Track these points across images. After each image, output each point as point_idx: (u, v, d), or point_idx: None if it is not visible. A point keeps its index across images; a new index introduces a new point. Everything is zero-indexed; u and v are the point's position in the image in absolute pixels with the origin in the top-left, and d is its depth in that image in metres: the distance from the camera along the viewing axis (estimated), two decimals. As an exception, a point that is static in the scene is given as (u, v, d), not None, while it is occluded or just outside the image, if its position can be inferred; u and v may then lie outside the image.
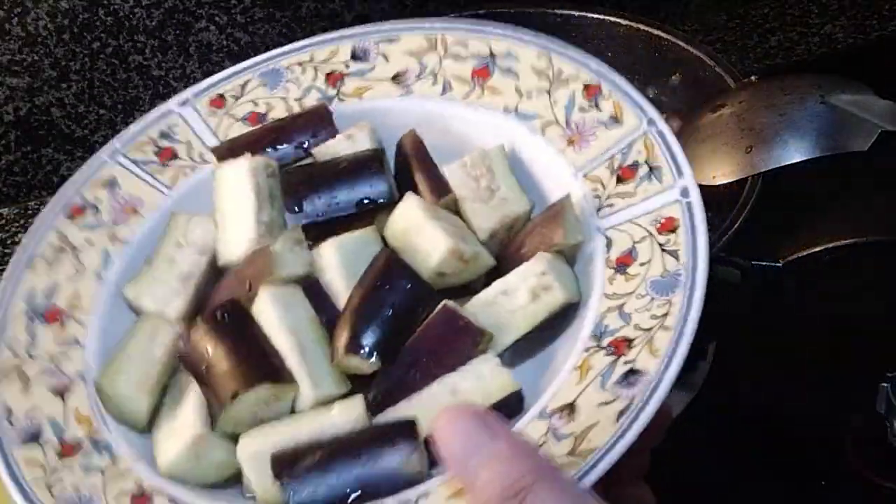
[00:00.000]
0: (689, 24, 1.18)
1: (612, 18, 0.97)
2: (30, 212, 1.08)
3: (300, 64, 0.66)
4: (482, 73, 0.64)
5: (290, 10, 1.09)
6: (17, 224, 1.07)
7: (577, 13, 0.98)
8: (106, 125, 1.09)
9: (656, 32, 0.95)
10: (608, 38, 0.98)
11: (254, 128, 0.64)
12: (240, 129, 0.64)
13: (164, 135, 0.64)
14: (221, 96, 0.65)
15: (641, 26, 0.96)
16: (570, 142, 0.60)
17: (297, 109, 0.65)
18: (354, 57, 0.66)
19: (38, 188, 1.10)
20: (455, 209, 0.60)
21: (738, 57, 1.13)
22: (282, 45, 1.09)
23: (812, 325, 0.86)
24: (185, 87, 1.08)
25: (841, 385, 0.80)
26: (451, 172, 0.61)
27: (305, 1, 1.08)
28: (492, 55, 0.64)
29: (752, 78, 0.86)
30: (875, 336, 0.83)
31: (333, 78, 0.65)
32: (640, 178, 0.57)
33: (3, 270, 1.00)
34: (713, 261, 0.73)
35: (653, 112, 0.59)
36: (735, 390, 0.83)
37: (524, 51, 0.63)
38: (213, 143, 0.63)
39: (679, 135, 0.86)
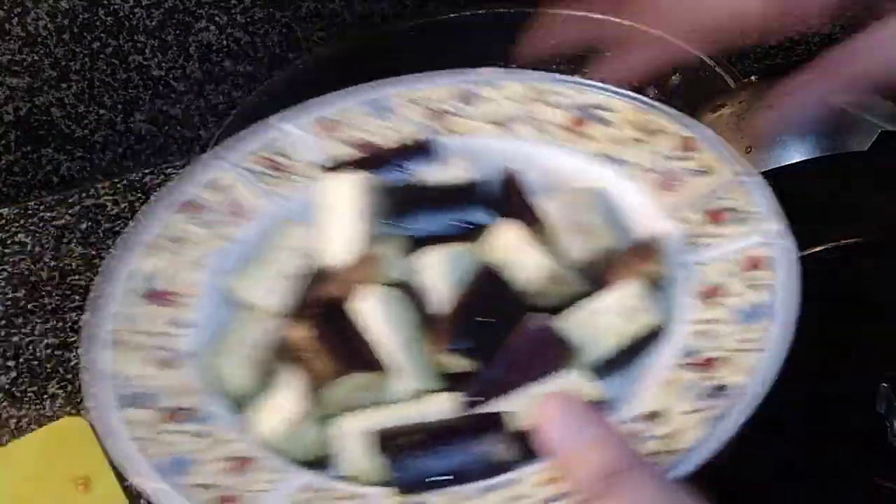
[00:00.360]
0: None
1: (612, 18, 0.97)
2: (30, 212, 1.08)
3: (411, 100, 0.71)
4: (579, 121, 0.68)
5: (290, 10, 1.09)
6: (17, 224, 1.07)
7: (577, 13, 0.98)
8: (106, 125, 1.09)
9: (656, 32, 0.94)
10: (608, 37, 0.98)
11: (359, 151, 0.69)
12: (346, 152, 0.68)
13: (273, 147, 0.68)
14: (331, 120, 0.69)
15: (641, 26, 0.95)
16: (662, 186, 0.63)
17: (402, 141, 0.69)
18: (461, 99, 0.71)
19: (38, 188, 1.10)
20: (551, 240, 0.63)
21: (738, 57, 1.13)
22: (282, 45, 1.10)
23: (811, 325, 0.85)
24: (185, 87, 1.09)
25: (841, 385, 0.80)
26: (548, 206, 0.64)
27: (305, 1, 1.08)
28: (588, 106, 0.68)
29: (752, 78, 0.86)
30: (875, 336, 0.83)
31: (438, 114, 0.70)
32: (730, 220, 0.60)
33: (3, 271, 1.01)
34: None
35: (745, 163, 0.62)
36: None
37: (620, 104, 0.68)
38: (321, 160, 0.67)
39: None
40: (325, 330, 0.58)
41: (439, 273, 0.61)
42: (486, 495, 0.52)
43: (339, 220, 0.63)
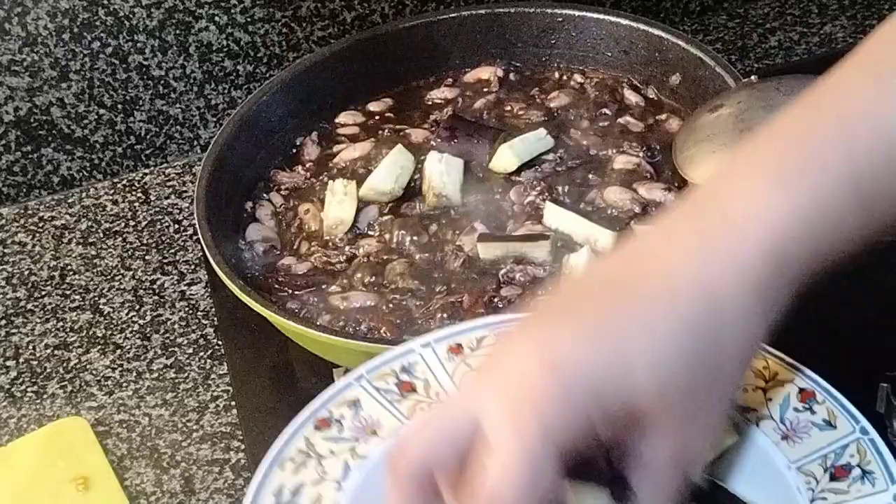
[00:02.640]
0: (689, 24, 1.18)
1: (612, 18, 0.97)
2: (29, 211, 1.08)
3: None
4: None
5: (290, 10, 1.09)
6: (17, 224, 1.07)
7: (577, 13, 0.98)
8: (106, 125, 1.09)
9: (656, 32, 0.94)
10: (608, 37, 0.98)
11: None
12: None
13: (404, 369, 0.68)
14: (459, 345, 0.68)
15: (641, 26, 0.96)
16: (785, 437, 0.63)
17: None
18: None
19: (38, 188, 1.10)
20: None
21: (738, 57, 1.13)
22: (282, 45, 1.10)
23: (812, 325, 0.85)
24: (185, 86, 1.09)
25: (841, 385, 0.80)
26: None
27: (305, 1, 1.08)
28: None
29: (752, 78, 0.86)
30: (875, 336, 0.83)
31: None
32: (853, 478, 0.60)
33: (3, 271, 1.01)
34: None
35: (864, 421, 0.62)
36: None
37: None
38: (448, 384, 0.67)
39: (678, 135, 0.87)
40: None
41: None
42: None
43: None
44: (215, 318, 0.94)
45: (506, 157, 0.88)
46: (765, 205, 0.53)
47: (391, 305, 0.81)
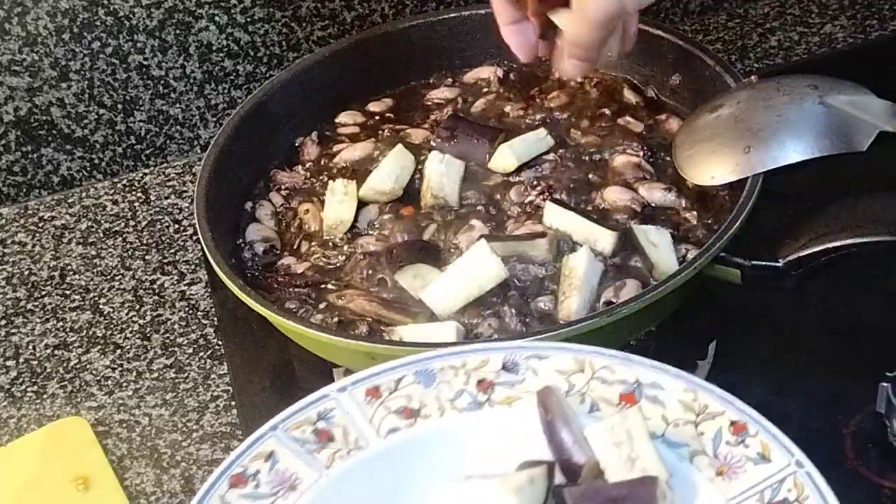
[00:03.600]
0: (689, 24, 1.18)
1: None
2: (30, 211, 1.08)
3: (453, 367, 0.69)
4: (629, 398, 0.66)
5: (290, 10, 1.09)
6: (16, 224, 1.07)
7: (576, 13, 0.98)
8: (106, 125, 1.09)
9: (656, 32, 0.94)
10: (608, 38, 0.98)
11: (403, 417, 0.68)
12: (393, 421, 0.67)
13: (321, 416, 0.67)
14: (377, 388, 0.68)
15: (641, 26, 0.95)
16: (719, 472, 0.62)
17: (448, 409, 0.68)
18: (504, 368, 0.68)
19: (38, 188, 1.11)
20: (596, 474, 0.63)
21: (738, 57, 1.13)
22: (282, 45, 1.10)
23: (812, 325, 0.85)
24: (185, 86, 1.09)
25: (841, 385, 0.80)
26: (592, 435, 0.63)
27: (305, 1, 1.08)
28: (638, 383, 0.66)
29: (752, 78, 0.86)
30: (875, 336, 0.83)
31: (484, 385, 0.68)
32: None
33: (3, 271, 1.01)
34: (713, 261, 0.73)
35: (800, 454, 0.61)
36: (735, 390, 0.83)
37: (671, 383, 0.66)
38: (368, 430, 0.67)
39: (678, 135, 0.87)
40: None
41: None
42: None
43: None
44: (215, 318, 0.94)
45: (505, 157, 0.88)
46: None
47: (391, 305, 0.81)
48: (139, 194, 1.08)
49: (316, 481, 0.64)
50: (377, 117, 0.98)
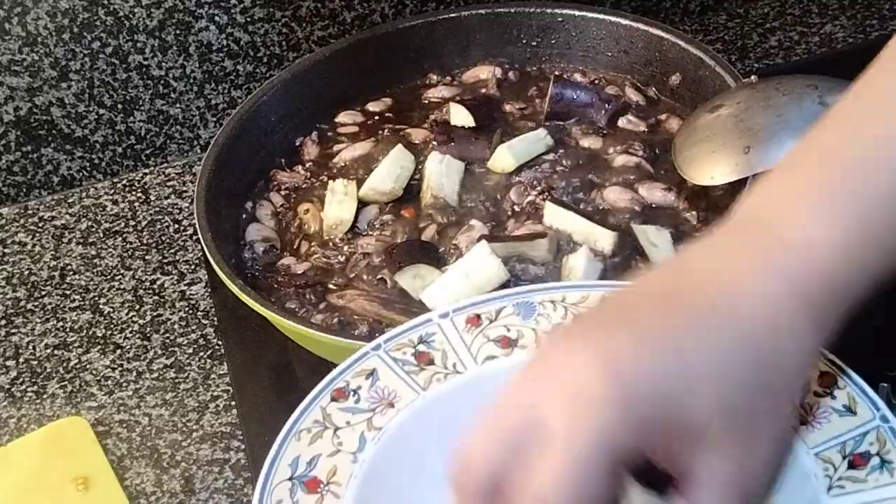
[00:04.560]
0: (689, 24, 1.18)
1: (612, 18, 0.97)
2: (30, 211, 1.08)
3: (552, 302, 0.69)
4: None
5: (290, 10, 1.09)
6: (17, 224, 1.07)
7: (577, 13, 0.98)
8: (106, 125, 1.09)
9: (656, 32, 0.94)
10: (608, 37, 0.98)
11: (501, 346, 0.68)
12: (491, 349, 0.68)
13: (422, 340, 0.68)
14: (478, 316, 0.68)
15: (641, 26, 0.96)
16: (803, 421, 0.61)
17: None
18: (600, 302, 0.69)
19: (38, 188, 1.11)
20: None
21: (738, 57, 1.13)
22: (282, 45, 1.10)
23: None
24: (185, 86, 1.09)
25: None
26: None
27: (305, 1, 1.08)
28: None
29: (752, 78, 0.86)
30: (875, 336, 0.83)
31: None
32: (871, 467, 0.59)
33: (3, 271, 1.01)
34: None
35: (886, 409, 0.61)
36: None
37: None
38: (466, 355, 0.67)
39: (678, 135, 0.87)
40: None
41: None
42: None
43: None
44: (215, 318, 0.94)
45: (504, 157, 0.88)
46: (817, 229, 0.54)
47: (391, 305, 0.81)
48: (139, 194, 1.08)
49: (413, 401, 0.65)
50: (377, 117, 0.98)
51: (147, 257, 1.01)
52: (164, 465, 0.83)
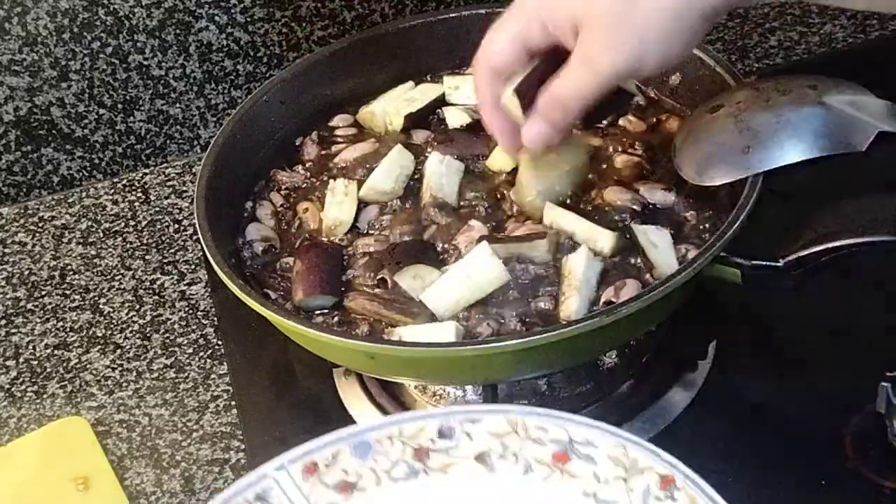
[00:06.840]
0: (689, 23, 1.18)
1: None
2: (30, 211, 1.08)
3: (389, 438, 0.69)
4: (561, 457, 0.67)
5: (290, 10, 1.09)
6: (17, 224, 1.07)
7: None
8: (106, 125, 1.09)
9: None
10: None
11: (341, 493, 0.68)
12: (331, 497, 0.68)
13: (259, 497, 0.67)
14: (315, 464, 0.68)
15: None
16: None
17: (385, 480, 0.68)
18: (440, 435, 0.69)
19: (38, 188, 1.11)
20: None
21: (738, 57, 1.13)
22: (282, 45, 1.10)
23: (812, 325, 0.85)
24: (185, 86, 1.09)
25: (841, 385, 0.80)
26: None
27: (305, 1, 1.08)
28: (570, 441, 0.67)
29: (752, 78, 0.86)
30: (875, 336, 0.83)
31: (420, 453, 0.69)
32: None
33: (3, 271, 1.01)
34: (713, 261, 0.73)
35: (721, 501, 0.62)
36: (735, 390, 0.83)
37: (601, 439, 0.66)
38: None
39: (678, 135, 0.87)
40: None
41: None
42: None
43: None
44: (215, 318, 0.94)
45: (503, 157, 0.88)
46: None
47: (391, 305, 0.81)
48: (139, 194, 1.09)
49: None
50: (377, 117, 0.98)
51: (147, 257, 1.01)
52: (163, 465, 0.83)
